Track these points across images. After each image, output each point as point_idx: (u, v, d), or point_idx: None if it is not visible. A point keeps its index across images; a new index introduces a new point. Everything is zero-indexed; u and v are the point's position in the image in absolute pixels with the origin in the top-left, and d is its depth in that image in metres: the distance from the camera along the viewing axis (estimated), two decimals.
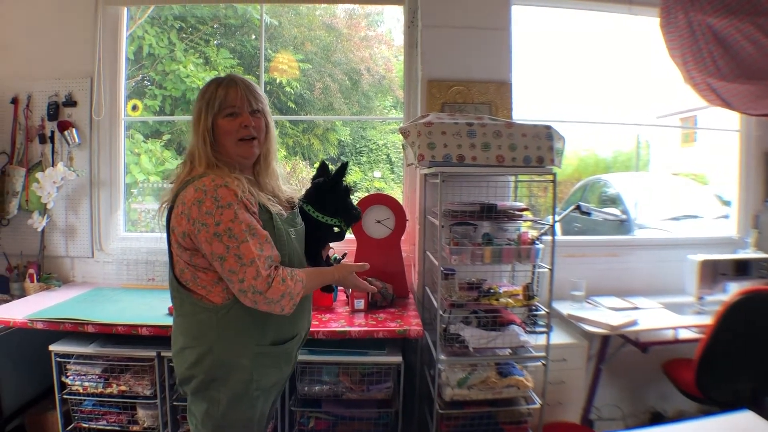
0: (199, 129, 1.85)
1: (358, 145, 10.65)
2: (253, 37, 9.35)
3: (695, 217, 6.51)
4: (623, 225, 6.29)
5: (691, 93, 3.52)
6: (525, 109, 3.77)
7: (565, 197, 8.65)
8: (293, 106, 9.23)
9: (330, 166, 2.27)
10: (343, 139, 10.17)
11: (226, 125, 1.87)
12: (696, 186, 8.51)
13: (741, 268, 3.69)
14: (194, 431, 1.96)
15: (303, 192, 2.21)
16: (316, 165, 2.29)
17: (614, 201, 7.13)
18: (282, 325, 1.96)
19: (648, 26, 3.65)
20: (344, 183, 2.19)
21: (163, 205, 1.88)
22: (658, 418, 3.86)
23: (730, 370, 3.05)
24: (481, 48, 3.54)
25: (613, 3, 3.86)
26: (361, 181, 9.99)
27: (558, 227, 7.93)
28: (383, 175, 10.15)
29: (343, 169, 2.17)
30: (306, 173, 8.73)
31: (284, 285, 1.76)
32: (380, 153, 10.17)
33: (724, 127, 4.45)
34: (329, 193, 2.16)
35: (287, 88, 8.96)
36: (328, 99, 9.93)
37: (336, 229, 2.21)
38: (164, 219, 1.88)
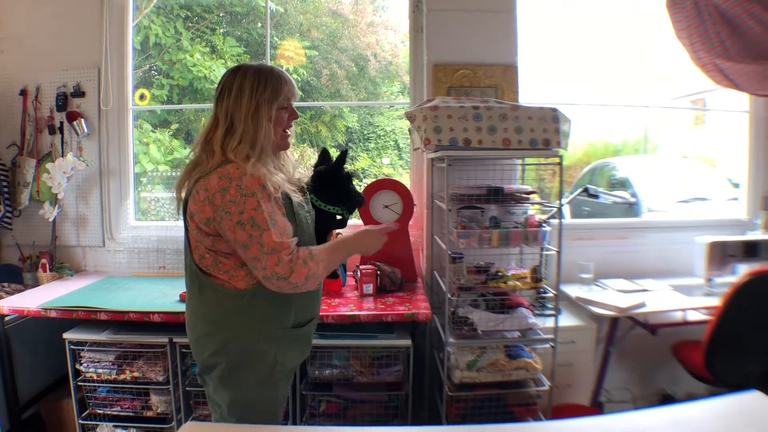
0: (258, 117, 1.86)
1: (365, 132, 10.64)
2: (259, 24, 9.35)
3: (704, 199, 6.49)
4: (632, 208, 6.28)
5: (699, 74, 3.51)
6: (533, 93, 3.76)
7: (574, 181, 8.64)
8: (300, 93, 9.18)
9: (332, 152, 2.29)
10: (350, 125, 10.16)
11: (282, 117, 1.95)
12: (706, 168, 8.47)
13: (750, 250, 3.67)
14: (219, 420, 1.99)
15: (308, 178, 2.23)
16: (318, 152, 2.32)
17: (623, 184, 7.11)
18: (302, 307, 2.00)
19: (655, 7, 3.62)
20: (345, 170, 2.21)
21: (180, 194, 1.90)
22: (668, 400, 3.84)
23: (739, 351, 3.04)
24: (486, 31, 3.53)
25: None
26: (369, 168, 9.99)
27: (567, 210, 7.97)
28: (392, 161, 10.15)
29: (344, 156, 2.20)
30: (314, 160, 8.77)
31: (306, 267, 1.78)
32: (388, 139, 10.16)
33: (733, 109, 4.42)
34: (331, 182, 2.18)
35: (294, 75, 8.92)
36: (335, 85, 9.92)
37: (339, 217, 2.23)
38: (181, 206, 1.90)
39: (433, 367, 3.32)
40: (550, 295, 2.99)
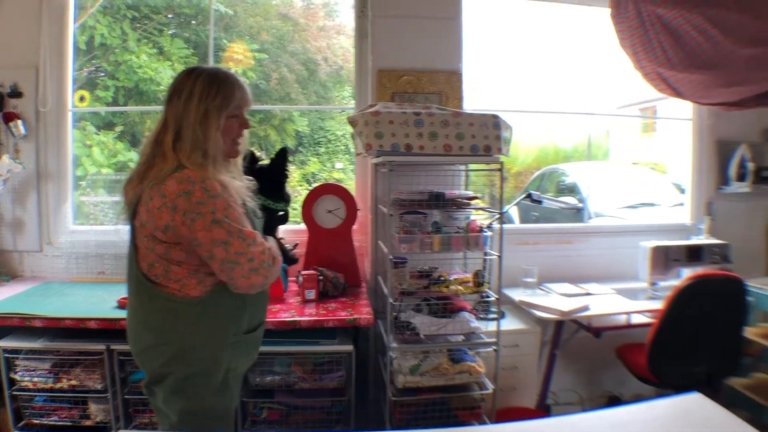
0: (207, 125, 1.82)
1: (316, 136, 10.59)
2: (213, 27, 9.22)
3: (652, 204, 6.66)
4: (579, 213, 6.40)
5: (643, 82, 3.60)
6: (479, 100, 3.80)
7: (524, 186, 8.77)
8: None
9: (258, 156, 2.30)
10: (300, 129, 10.09)
11: (232, 126, 1.91)
12: (654, 175, 8.69)
13: (693, 254, 3.78)
14: (167, 430, 1.95)
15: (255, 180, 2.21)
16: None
17: (571, 190, 7.25)
18: (254, 311, 1.99)
19: (600, 17, 3.70)
20: (286, 169, 2.22)
21: (129, 200, 1.85)
22: (614, 402, 3.90)
23: (682, 353, 3.12)
24: (431, 37, 3.55)
25: None
26: (320, 172, 9.94)
27: (516, 215, 8.07)
28: (343, 166, 10.16)
29: (284, 153, 2.21)
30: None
31: (276, 255, 1.87)
32: (339, 143, 10.15)
33: (678, 116, 4.55)
34: (276, 178, 2.17)
35: (243, 79, 8.89)
36: (284, 89, 9.85)
37: (281, 213, 2.23)
38: (129, 212, 1.85)
39: (377, 372, 3.31)
40: (493, 299, 3.02)
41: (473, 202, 3.05)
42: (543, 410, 3.53)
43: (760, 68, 3.08)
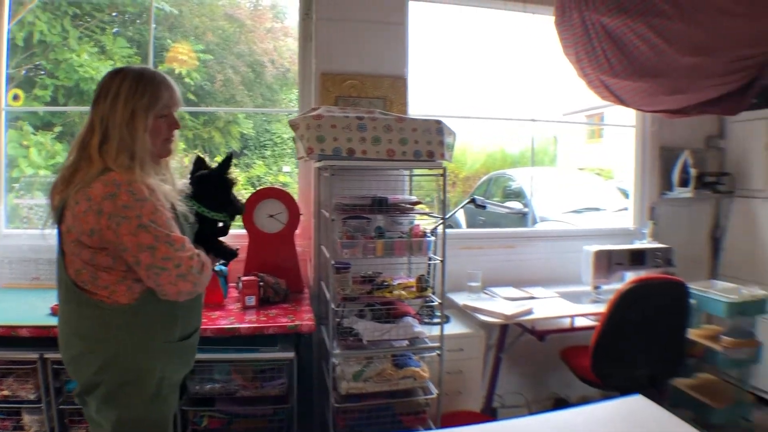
0: (134, 126, 1.77)
1: (262, 139, 10.46)
2: (154, 26, 9.04)
3: (597, 209, 6.77)
4: (525, 217, 6.48)
5: (586, 88, 3.65)
6: (424, 105, 3.80)
7: (472, 191, 8.85)
8: (193, 98, 8.97)
9: (208, 160, 2.21)
10: (245, 132, 9.96)
11: (161, 126, 1.86)
12: (600, 180, 8.87)
13: (636, 258, 3.85)
14: None
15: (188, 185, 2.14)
16: (190, 159, 2.23)
17: (517, 195, 7.34)
18: (187, 318, 1.94)
19: (546, 24, 3.74)
20: (229, 176, 2.14)
21: (56, 204, 1.78)
22: (561, 404, 3.96)
23: (624, 356, 3.18)
24: (376, 42, 3.55)
25: (509, 1, 3.94)
26: (266, 176, 9.83)
27: (462, 220, 8.12)
28: (291, 169, 10.09)
29: (229, 161, 2.12)
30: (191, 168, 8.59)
31: (206, 262, 1.83)
32: (285, 147, 10.05)
33: (622, 123, 4.66)
34: (215, 187, 2.10)
35: (187, 79, 8.70)
36: (229, 91, 9.72)
37: (221, 224, 2.15)
38: (56, 216, 1.79)
39: (321, 379, 3.28)
40: (437, 303, 3.02)
41: (417, 207, 3.05)
42: (489, 413, 3.55)
43: (701, 77, 3.15)
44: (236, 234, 3.36)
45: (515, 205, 6.73)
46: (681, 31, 2.87)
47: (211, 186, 2.08)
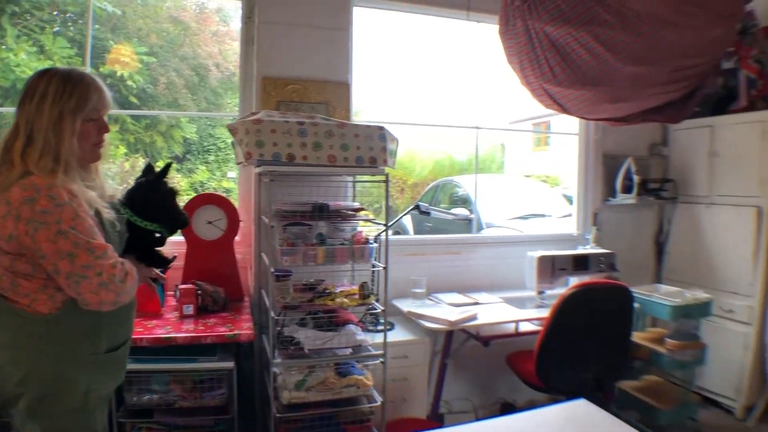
0: (60, 129, 1.70)
1: (205, 144, 10.33)
2: (96, 26, 8.82)
3: (542, 215, 6.88)
4: (472, 224, 6.53)
5: (529, 96, 3.68)
6: (374, 112, 3.78)
7: (419, 197, 8.89)
8: (135, 101, 8.79)
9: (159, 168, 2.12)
10: (189, 136, 9.80)
11: (90, 130, 1.80)
12: (546, 187, 9.03)
13: (580, 263, 3.90)
14: None
15: (124, 192, 2.06)
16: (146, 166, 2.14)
17: (464, 201, 7.39)
18: (114, 329, 1.87)
19: (490, 32, 3.75)
20: (167, 185, 2.05)
21: None
22: (508, 408, 3.98)
23: (569, 360, 3.19)
24: (319, 47, 3.51)
25: (452, 9, 3.95)
26: (209, 181, 9.68)
27: (410, 226, 8.14)
28: (236, 175, 9.93)
29: (166, 170, 2.04)
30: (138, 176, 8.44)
31: (132, 271, 1.74)
32: (230, 152, 9.90)
33: (565, 131, 4.73)
34: (149, 196, 2.02)
35: (129, 82, 8.52)
36: (173, 94, 9.57)
37: (158, 234, 2.07)
38: None
39: (263, 389, 3.22)
40: (380, 311, 2.99)
41: (361, 213, 3.02)
42: (436, 420, 3.54)
43: (644, 86, 3.21)
44: (174, 241, 3.27)
45: (461, 211, 6.79)
46: (624, 40, 2.92)
47: (143, 194, 2.00)
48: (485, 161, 15.35)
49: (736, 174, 4.10)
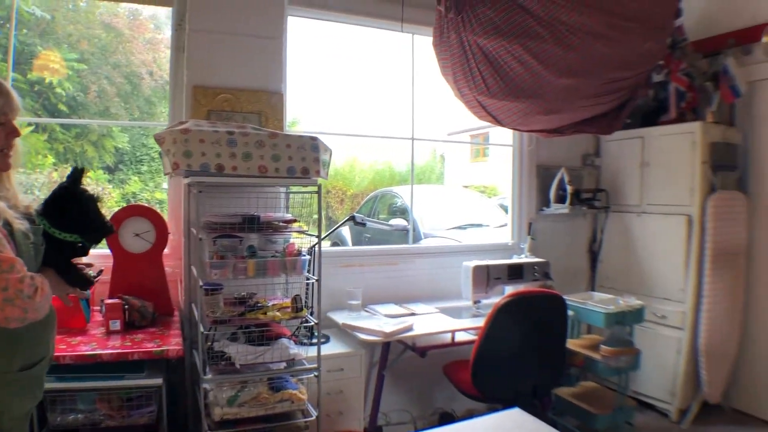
0: None
1: (138, 153, 10.07)
2: (24, 31, 8.50)
3: (480, 225, 6.94)
4: (409, 234, 6.55)
5: (463, 108, 3.71)
6: (310, 122, 3.75)
7: (358, 208, 8.88)
8: (65, 109, 8.50)
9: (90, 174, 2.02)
10: (121, 146, 9.53)
11: None
12: (483, 197, 9.14)
13: (515, 272, 3.95)
14: None
15: (41, 202, 1.94)
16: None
17: (403, 212, 7.40)
18: (31, 347, 1.77)
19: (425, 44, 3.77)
20: (87, 192, 1.95)
21: None
22: (447, 418, 3.99)
23: (503, 369, 3.22)
24: (252, 56, 3.46)
25: (387, 20, 3.95)
26: (141, 192, 9.43)
27: (349, 237, 8.11)
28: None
29: (78, 175, 1.92)
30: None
31: (43, 286, 1.62)
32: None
33: (500, 143, 4.80)
34: (66, 204, 1.90)
35: (58, 89, 8.23)
36: (104, 103, 9.30)
37: (79, 244, 1.96)
38: None
39: (196, 405, 3.13)
40: (314, 324, 2.95)
41: (294, 225, 2.97)
42: (373, 431, 3.53)
43: (576, 97, 3.28)
44: (100, 254, 3.16)
45: (399, 222, 6.80)
46: (556, 53, 2.98)
47: (59, 202, 1.89)
48: (425, 172, 15.48)
49: (667, 184, 4.24)
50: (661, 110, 4.36)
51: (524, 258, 4.20)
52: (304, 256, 2.85)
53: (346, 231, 7.83)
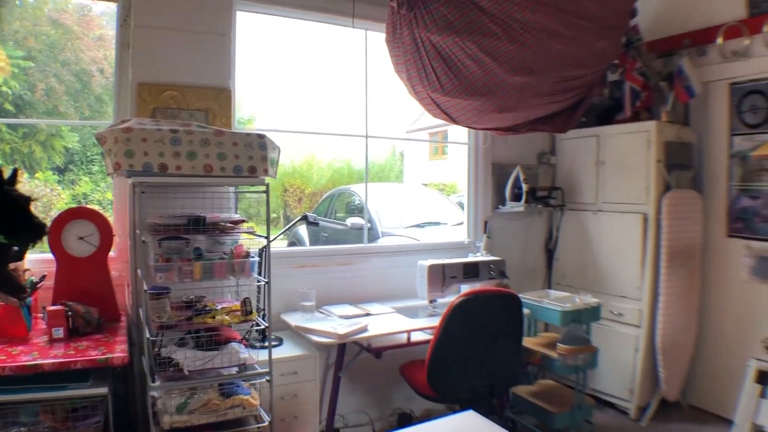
0: None
1: (89, 154, 9.81)
2: None
3: (437, 224, 6.94)
4: (370, 232, 6.52)
5: (418, 105, 3.68)
6: (263, 120, 3.67)
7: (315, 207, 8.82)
8: (11, 108, 8.25)
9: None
10: (70, 146, 9.28)
11: None
12: (442, 195, 9.15)
13: (471, 271, 3.94)
14: None
15: None
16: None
17: (361, 210, 7.36)
18: None
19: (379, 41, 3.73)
20: (16, 192, 1.86)
21: None
22: (405, 419, 3.99)
23: (460, 368, 3.20)
24: (199, 52, 3.37)
25: (337, 15, 3.90)
26: (92, 193, 9.20)
27: (306, 237, 8.05)
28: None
29: (13, 176, 1.85)
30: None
31: None
32: None
33: (456, 141, 4.80)
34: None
35: (4, 88, 7.98)
36: (53, 101, 9.04)
37: (15, 248, 1.87)
38: None
39: (145, 414, 3.04)
40: (264, 326, 2.89)
41: (243, 225, 2.90)
42: None
43: (530, 96, 3.28)
44: (43, 258, 3.05)
45: (356, 220, 6.76)
46: (509, 51, 2.97)
47: None
48: (384, 169, 15.48)
49: (622, 182, 4.28)
50: (617, 109, 4.41)
51: (480, 256, 4.20)
52: (253, 257, 2.79)
53: (303, 231, 7.77)
